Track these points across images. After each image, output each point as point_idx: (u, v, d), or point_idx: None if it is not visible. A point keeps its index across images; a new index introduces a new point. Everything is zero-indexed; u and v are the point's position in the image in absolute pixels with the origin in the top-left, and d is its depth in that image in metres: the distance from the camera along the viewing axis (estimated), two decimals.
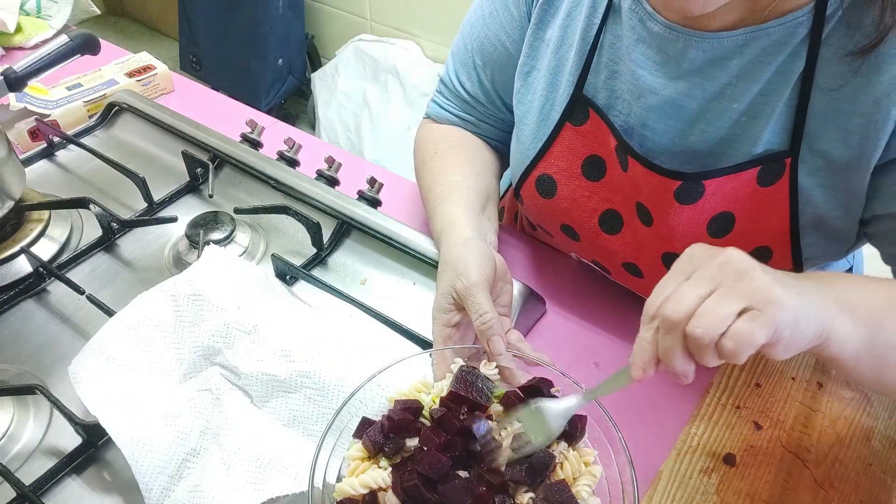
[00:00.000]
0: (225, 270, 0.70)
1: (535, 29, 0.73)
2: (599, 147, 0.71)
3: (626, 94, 0.68)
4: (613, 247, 0.75)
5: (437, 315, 0.66)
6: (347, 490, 0.52)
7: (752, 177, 0.64)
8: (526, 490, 0.52)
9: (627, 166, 0.68)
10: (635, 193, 0.70)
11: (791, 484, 0.61)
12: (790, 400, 0.68)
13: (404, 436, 0.54)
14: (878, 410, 0.68)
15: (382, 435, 0.54)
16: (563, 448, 0.55)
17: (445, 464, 0.51)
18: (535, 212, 0.80)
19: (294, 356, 0.63)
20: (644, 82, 0.65)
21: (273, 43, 2.36)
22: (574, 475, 0.53)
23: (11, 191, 0.79)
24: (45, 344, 0.72)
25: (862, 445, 0.65)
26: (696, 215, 0.67)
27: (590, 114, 0.70)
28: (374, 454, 0.54)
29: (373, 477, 0.52)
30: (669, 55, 0.64)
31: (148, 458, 0.57)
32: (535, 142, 0.75)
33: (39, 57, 0.87)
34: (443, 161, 0.81)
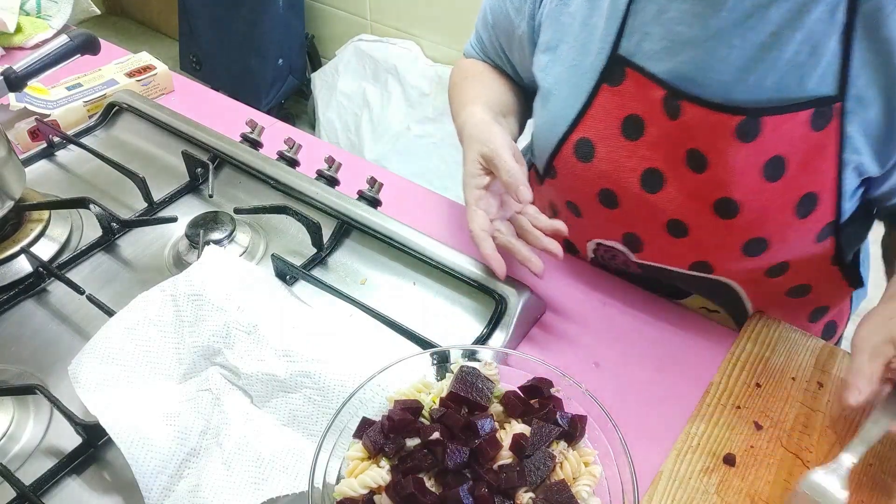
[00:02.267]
0: (225, 270, 0.70)
1: (559, 4, 0.76)
2: (639, 105, 0.71)
3: (664, 52, 0.68)
4: (657, 205, 0.75)
5: (468, 180, 0.75)
6: (346, 490, 0.52)
7: (806, 119, 0.65)
8: (526, 490, 0.51)
9: (679, 113, 0.68)
10: (687, 140, 0.70)
11: (791, 484, 0.61)
12: (790, 400, 0.68)
13: (404, 436, 0.54)
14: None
15: (382, 435, 0.54)
16: (563, 448, 0.54)
17: (464, 453, 0.52)
18: (571, 181, 0.80)
19: (294, 356, 0.63)
20: (683, 37, 0.66)
21: (273, 43, 2.36)
22: (574, 475, 0.53)
23: (11, 191, 0.79)
24: (45, 344, 0.72)
25: None
26: (752, 156, 0.67)
27: (626, 73, 0.71)
28: (374, 454, 0.54)
29: (372, 477, 0.52)
30: (707, 8, 0.64)
31: (148, 458, 0.57)
32: (569, 108, 0.76)
33: (39, 57, 0.87)
34: (469, 84, 0.91)
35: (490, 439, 0.53)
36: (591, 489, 0.53)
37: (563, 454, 0.54)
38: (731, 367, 0.71)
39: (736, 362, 0.71)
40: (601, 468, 0.54)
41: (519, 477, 0.51)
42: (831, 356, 0.72)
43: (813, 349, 0.73)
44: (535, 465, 0.52)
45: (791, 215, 0.70)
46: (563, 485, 0.51)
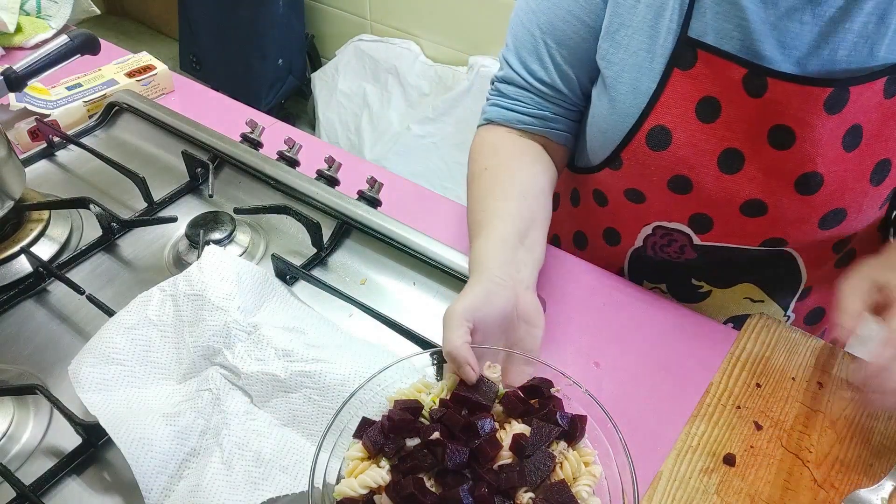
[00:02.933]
0: (225, 270, 0.70)
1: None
2: (713, 87, 0.71)
3: (737, 31, 0.68)
4: (735, 187, 0.74)
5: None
6: (346, 490, 0.52)
7: (881, 87, 0.66)
8: (525, 490, 0.51)
9: (766, 90, 0.68)
10: (772, 117, 0.70)
11: (791, 484, 0.61)
12: (790, 400, 0.68)
13: (404, 436, 0.54)
14: (878, 410, 0.68)
15: (382, 435, 0.54)
16: (563, 448, 0.54)
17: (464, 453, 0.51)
18: (640, 170, 0.78)
19: (294, 356, 0.63)
20: (755, 16, 0.67)
21: (273, 43, 2.36)
22: (574, 475, 0.53)
23: (11, 191, 0.79)
24: (45, 344, 0.72)
25: (862, 445, 0.65)
26: (836, 126, 0.68)
27: (698, 55, 0.70)
28: (374, 454, 0.54)
29: (372, 477, 0.52)
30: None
31: (148, 458, 0.57)
32: (639, 96, 0.74)
33: (39, 57, 0.87)
34: (490, 181, 0.76)
35: (490, 439, 0.53)
36: (592, 489, 0.53)
37: (563, 454, 0.54)
38: (731, 367, 0.71)
39: (736, 362, 0.71)
40: (601, 468, 0.54)
41: (519, 477, 0.51)
42: (831, 356, 0.72)
43: (813, 349, 0.73)
44: (535, 466, 0.52)
45: (867, 183, 0.71)
46: (563, 485, 0.51)
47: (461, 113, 2.13)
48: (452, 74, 2.18)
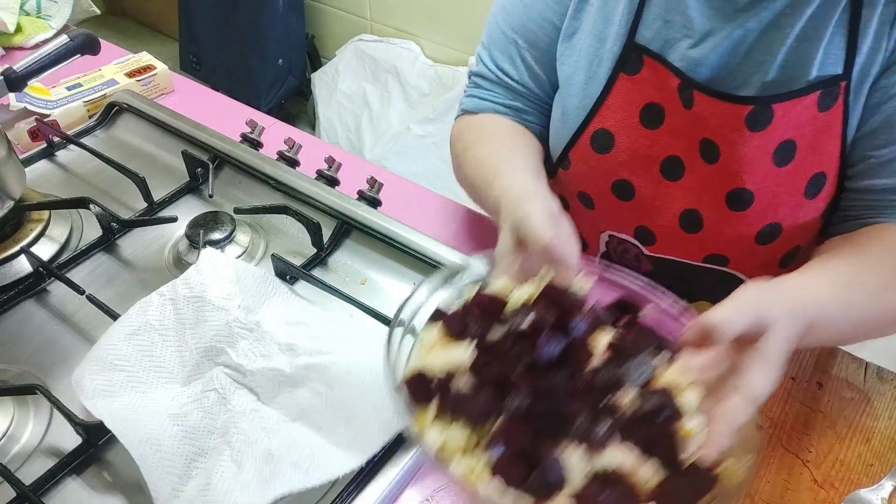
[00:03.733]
0: (223, 272, 0.70)
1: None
2: (657, 93, 0.71)
3: (682, 38, 0.68)
4: (674, 194, 0.74)
5: (498, 259, 0.57)
6: (426, 367, 0.47)
7: (814, 101, 0.66)
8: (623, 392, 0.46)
9: (693, 102, 0.69)
10: (701, 130, 0.70)
11: (791, 484, 0.61)
12: (790, 400, 0.68)
13: (491, 322, 0.48)
14: (879, 410, 0.68)
15: (467, 318, 0.48)
16: (664, 359, 0.49)
17: (560, 343, 0.46)
18: (587, 172, 0.79)
19: (298, 350, 0.63)
20: (700, 26, 0.67)
21: (273, 43, 2.36)
22: (675, 389, 0.47)
23: (11, 191, 0.79)
24: (45, 344, 0.72)
25: (862, 445, 0.65)
26: (763, 143, 0.68)
27: (644, 61, 0.71)
28: (456, 337, 0.49)
29: (453, 357, 0.47)
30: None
31: (156, 458, 0.57)
32: (585, 99, 0.75)
33: (39, 57, 0.87)
34: (486, 146, 0.77)
35: (584, 339, 0.48)
36: (697, 403, 0.47)
37: (664, 366, 0.48)
38: None
39: None
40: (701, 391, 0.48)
41: (618, 376, 0.46)
42: (831, 356, 0.72)
43: (813, 349, 0.73)
44: (636, 368, 0.46)
45: (801, 197, 0.71)
46: (667, 393, 0.45)
47: None
48: (452, 74, 2.18)
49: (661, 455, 0.44)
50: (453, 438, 0.45)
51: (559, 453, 0.44)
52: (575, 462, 0.43)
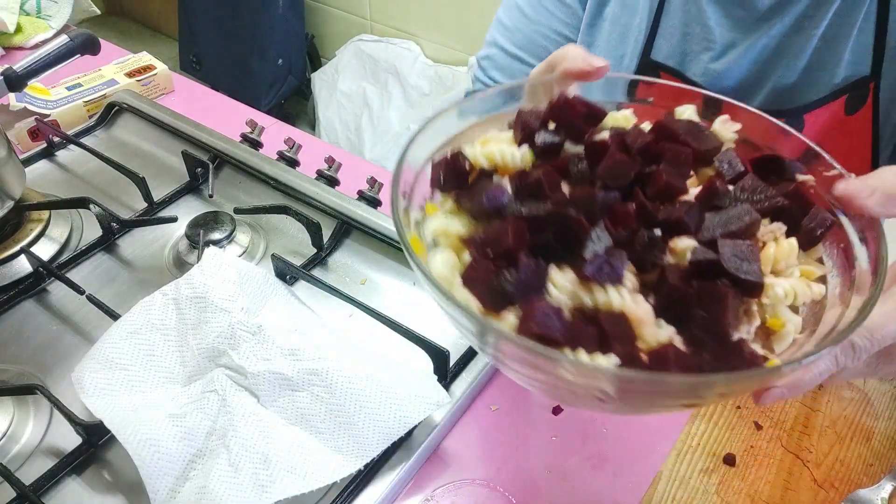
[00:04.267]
0: (226, 272, 0.70)
1: (597, 7, 0.72)
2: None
3: (703, 51, 0.67)
4: None
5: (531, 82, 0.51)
6: (472, 153, 0.41)
7: (841, 105, 0.64)
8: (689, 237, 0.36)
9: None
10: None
11: (791, 484, 0.61)
12: (790, 400, 0.68)
13: (564, 135, 0.41)
14: (879, 410, 0.68)
15: (538, 122, 0.42)
16: (779, 230, 0.38)
17: (632, 167, 0.38)
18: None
19: (301, 355, 0.63)
20: (721, 38, 0.65)
21: (273, 43, 2.36)
22: (778, 270, 0.37)
23: (11, 191, 0.79)
24: (45, 344, 0.72)
25: (862, 445, 0.65)
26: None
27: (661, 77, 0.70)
28: (520, 141, 0.42)
29: (503, 151, 0.41)
30: (745, 7, 0.64)
31: (154, 458, 0.57)
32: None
33: (39, 57, 0.87)
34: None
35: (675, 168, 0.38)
36: (800, 302, 0.36)
37: (777, 234, 0.37)
38: None
39: None
40: (824, 291, 0.37)
41: (690, 217, 0.36)
42: None
43: None
44: (723, 220, 0.36)
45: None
46: (753, 249, 0.34)
47: None
48: (452, 74, 2.18)
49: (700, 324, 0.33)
50: (453, 226, 0.40)
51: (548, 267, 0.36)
52: (561, 282, 0.35)
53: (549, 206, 0.37)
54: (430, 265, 0.39)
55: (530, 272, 0.35)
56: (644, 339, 0.34)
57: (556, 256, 0.36)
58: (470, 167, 0.42)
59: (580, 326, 0.33)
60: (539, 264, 0.35)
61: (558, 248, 0.36)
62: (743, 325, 0.35)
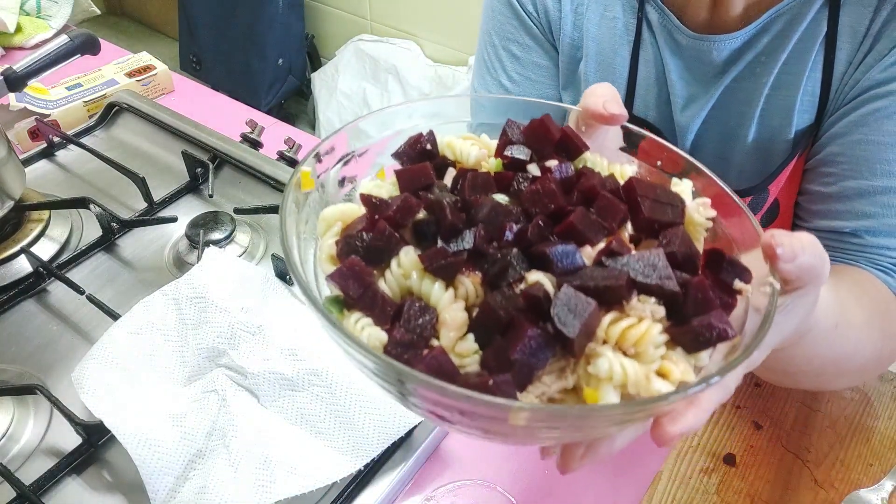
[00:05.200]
0: (226, 272, 0.70)
1: (567, 67, 0.73)
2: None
3: (670, 106, 0.69)
4: None
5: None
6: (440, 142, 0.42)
7: (796, 160, 0.66)
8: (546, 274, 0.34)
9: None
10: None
11: (791, 484, 0.61)
12: (790, 400, 0.68)
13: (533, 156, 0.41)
14: (879, 410, 0.68)
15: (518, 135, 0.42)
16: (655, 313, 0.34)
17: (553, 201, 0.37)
18: None
19: (301, 355, 0.63)
20: (683, 92, 0.67)
21: (273, 43, 2.36)
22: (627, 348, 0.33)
23: (11, 191, 0.79)
24: (45, 344, 0.72)
25: (862, 445, 0.65)
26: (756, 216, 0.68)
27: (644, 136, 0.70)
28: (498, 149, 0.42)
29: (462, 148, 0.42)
30: (703, 62, 0.65)
31: (154, 458, 0.57)
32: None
33: (39, 57, 0.87)
34: None
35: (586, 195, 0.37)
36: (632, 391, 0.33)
37: (645, 314, 0.34)
38: None
39: None
40: (667, 390, 0.33)
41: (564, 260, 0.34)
42: None
43: None
44: (590, 275, 0.34)
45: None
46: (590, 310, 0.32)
47: None
48: (452, 74, 2.18)
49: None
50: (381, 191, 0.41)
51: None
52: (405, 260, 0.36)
53: (448, 199, 0.37)
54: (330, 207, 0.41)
55: (382, 239, 0.36)
56: (441, 341, 0.33)
57: (428, 242, 0.37)
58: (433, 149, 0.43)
59: (380, 298, 0.34)
60: (392, 236, 0.36)
61: (430, 236, 0.37)
62: (549, 377, 0.33)
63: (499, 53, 0.76)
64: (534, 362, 0.32)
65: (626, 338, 0.33)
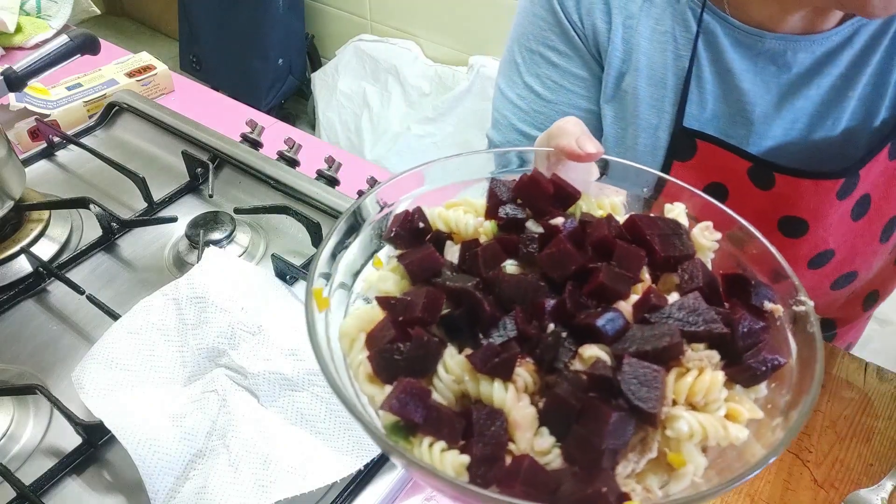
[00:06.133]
0: (226, 272, 0.70)
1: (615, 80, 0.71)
2: (719, 174, 0.70)
3: (739, 114, 0.68)
4: None
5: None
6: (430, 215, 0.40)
7: (885, 152, 0.65)
8: (602, 347, 0.34)
9: (773, 183, 0.67)
10: (784, 209, 0.68)
11: (791, 484, 0.61)
12: None
13: (529, 212, 0.40)
14: (879, 410, 0.68)
15: (507, 195, 0.41)
16: (711, 358, 0.34)
17: (573, 262, 0.36)
18: None
19: (301, 354, 0.63)
20: (755, 98, 0.66)
21: (273, 43, 2.36)
22: (696, 401, 0.33)
23: (11, 191, 0.79)
24: (45, 344, 0.72)
25: (862, 445, 0.65)
26: (847, 206, 0.68)
27: (697, 145, 0.69)
28: (488, 212, 0.41)
29: (458, 218, 0.40)
30: (778, 65, 0.64)
31: (154, 458, 0.57)
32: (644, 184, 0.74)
33: (39, 57, 0.87)
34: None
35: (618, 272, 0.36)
36: (706, 439, 0.32)
37: (703, 363, 0.34)
38: None
39: None
40: (745, 437, 0.33)
41: (612, 326, 0.34)
42: (831, 356, 0.72)
43: None
44: (646, 336, 0.33)
45: (877, 244, 0.71)
46: (656, 376, 0.32)
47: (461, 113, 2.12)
48: (452, 74, 2.18)
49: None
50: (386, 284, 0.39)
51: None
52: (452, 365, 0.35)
53: (470, 283, 0.36)
54: (346, 318, 0.38)
55: (422, 347, 0.34)
56: (517, 444, 0.32)
57: (465, 335, 0.35)
58: (426, 226, 0.41)
59: (445, 415, 0.32)
60: (432, 342, 0.34)
61: (466, 328, 0.35)
62: (633, 453, 0.32)
63: (534, 58, 0.75)
64: (620, 445, 0.31)
65: (694, 392, 0.33)
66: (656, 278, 0.39)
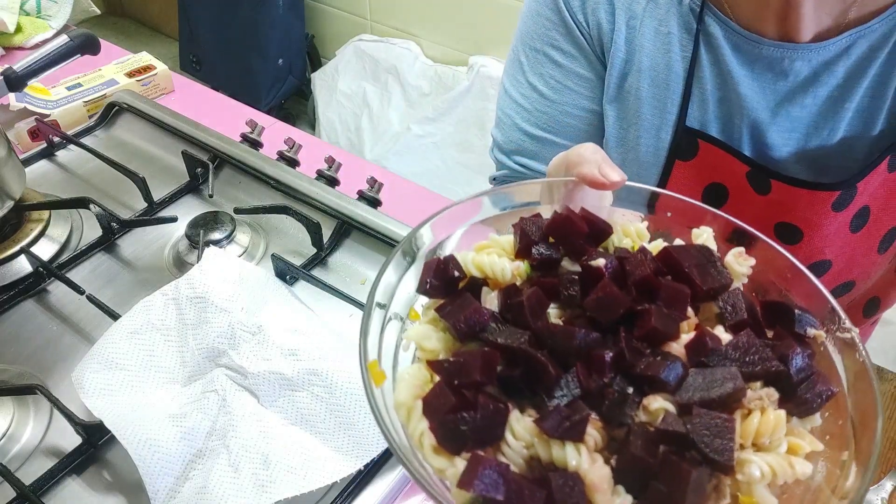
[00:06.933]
0: (226, 272, 0.70)
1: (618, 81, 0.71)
2: (719, 175, 0.70)
3: (737, 117, 0.68)
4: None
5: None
6: (463, 261, 0.39)
7: (885, 165, 0.65)
8: (666, 398, 0.34)
9: (770, 189, 0.67)
10: (777, 214, 0.68)
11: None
12: None
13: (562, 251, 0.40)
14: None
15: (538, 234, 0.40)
16: (769, 396, 0.34)
17: (621, 305, 0.36)
18: None
19: (301, 355, 0.63)
20: (753, 103, 0.66)
21: (273, 43, 2.36)
22: (761, 443, 0.34)
23: (11, 191, 0.79)
24: (45, 344, 0.72)
25: None
26: (845, 218, 0.67)
27: (699, 145, 0.69)
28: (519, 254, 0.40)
29: (493, 263, 0.39)
30: (775, 72, 0.64)
31: (154, 459, 0.57)
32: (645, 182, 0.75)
33: (39, 57, 0.87)
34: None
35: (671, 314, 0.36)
36: (774, 478, 0.33)
37: (764, 402, 0.34)
38: None
39: None
40: (810, 470, 0.34)
41: (670, 374, 0.34)
42: None
43: None
44: (706, 382, 0.33)
45: (875, 255, 0.71)
46: (728, 427, 0.32)
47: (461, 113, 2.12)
48: (452, 74, 2.18)
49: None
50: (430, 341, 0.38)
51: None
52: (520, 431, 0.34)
53: (524, 338, 0.35)
54: (397, 384, 0.37)
55: (489, 416, 0.33)
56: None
57: (524, 394, 0.34)
58: (460, 274, 0.40)
59: (527, 489, 0.31)
60: (499, 409, 0.33)
61: (526, 388, 0.34)
62: (710, 502, 0.32)
63: (538, 58, 0.75)
64: (701, 500, 0.31)
65: (761, 434, 0.33)
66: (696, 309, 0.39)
